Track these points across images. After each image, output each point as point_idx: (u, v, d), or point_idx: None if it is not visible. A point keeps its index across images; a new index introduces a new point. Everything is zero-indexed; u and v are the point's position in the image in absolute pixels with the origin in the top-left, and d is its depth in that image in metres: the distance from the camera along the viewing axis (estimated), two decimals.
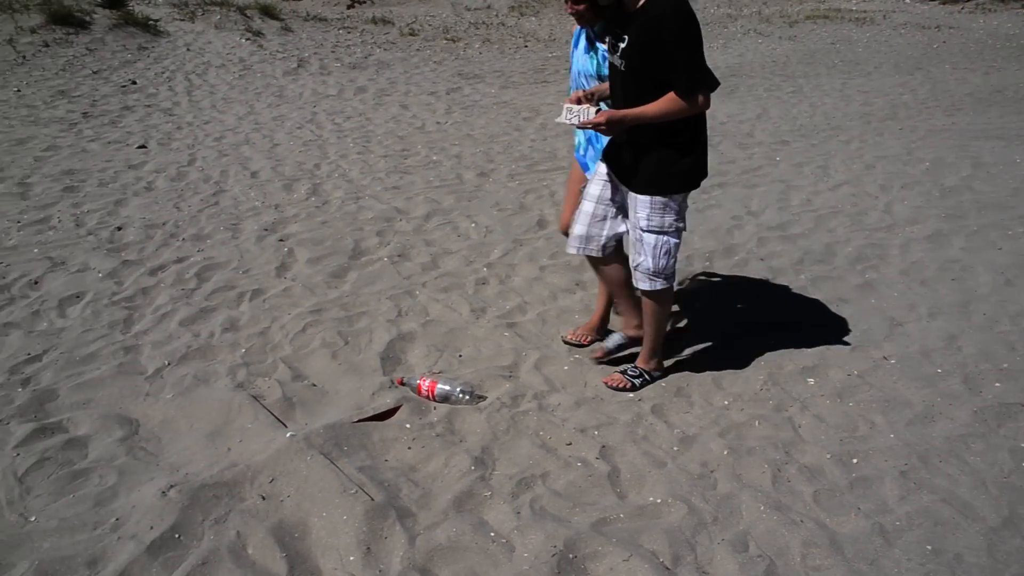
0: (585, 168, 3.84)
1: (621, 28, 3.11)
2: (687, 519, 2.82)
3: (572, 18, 3.47)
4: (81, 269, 4.92)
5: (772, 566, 2.62)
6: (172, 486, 2.92)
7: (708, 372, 3.80)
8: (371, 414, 3.40)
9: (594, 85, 3.58)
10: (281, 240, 5.45)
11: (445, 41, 14.52)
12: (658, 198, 3.28)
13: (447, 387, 3.49)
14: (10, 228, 5.52)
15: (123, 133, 8.20)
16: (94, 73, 10.49)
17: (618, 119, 3.11)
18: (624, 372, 3.66)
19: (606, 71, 3.47)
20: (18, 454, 3.16)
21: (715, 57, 13.60)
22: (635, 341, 3.80)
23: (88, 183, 6.55)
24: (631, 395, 3.60)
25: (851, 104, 9.97)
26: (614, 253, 3.63)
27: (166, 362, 3.88)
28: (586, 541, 2.68)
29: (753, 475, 3.07)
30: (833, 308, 4.47)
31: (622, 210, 3.52)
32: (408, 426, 3.34)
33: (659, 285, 3.42)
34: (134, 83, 10.29)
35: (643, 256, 3.37)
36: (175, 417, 3.45)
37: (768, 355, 3.96)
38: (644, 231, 3.33)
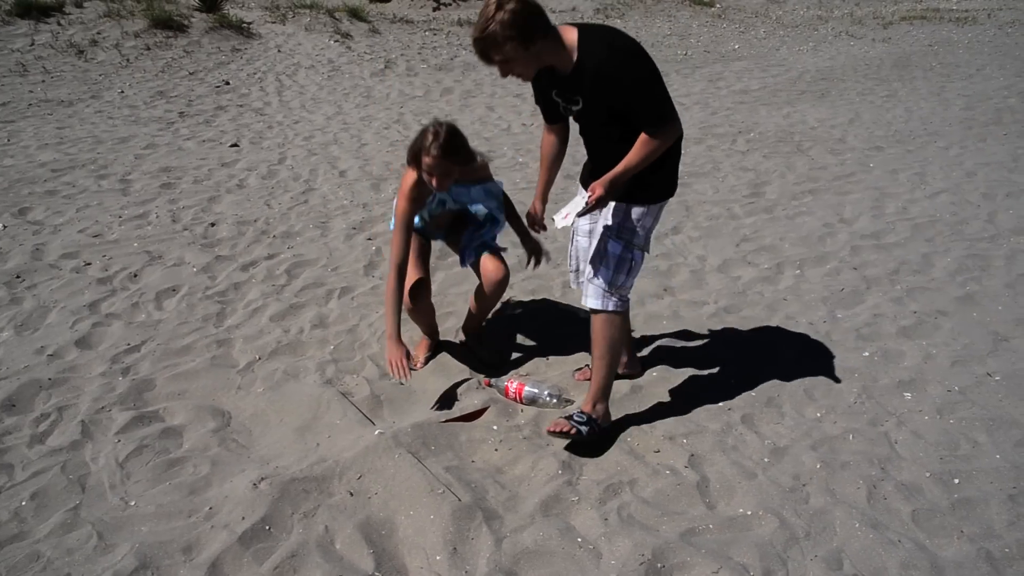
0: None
1: (568, 91, 2.91)
2: (778, 533, 2.74)
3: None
4: (177, 263, 5.08)
5: None
6: (263, 478, 2.98)
7: (799, 383, 3.70)
8: (458, 415, 3.41)
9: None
10: (369, 239, 5.53)
11: None
12: (635, 207, 3.05)
13: (535, 390, 3.48)
14: (112, 223, 5.74)
15: (217, 132, 8.45)
16: (190, 74, 10.83)
17: (610, 182, 2.86)
18: (570, 418, 3.22)
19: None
20: (119, 440, 3.28)
21: (805, 61, 13.28)
22: (623, 377, 3.66)
23: (184, 180, 6.76)
24: (720, 403, 3.52)
25: (950, 109, 9.60)
26: None
27: (257, 356, 3.97)
28: (674, 551, 2.63)
29: (847, 490, 2.97)
30: (931, 321, 4.29)
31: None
32: (495, 428, 3.34)
33: (611, 306, 3.12)
34: (227, 84, 10.59)
35: (602, 267, 3.08)
36: (265, 411, 3.53)
37: (862, 367, 3.83)
38: (610, 238, 3.07)
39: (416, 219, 3.65)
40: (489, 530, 2.74)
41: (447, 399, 3.53)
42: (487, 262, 3.66)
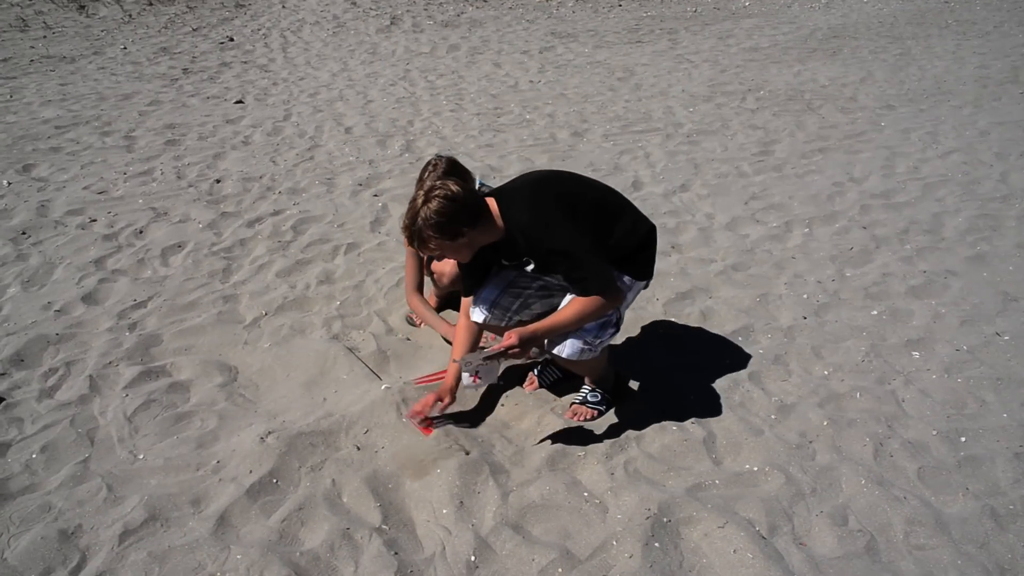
0: None
1: (512, 258, 2.83)
2: (784, 488, 2.75)
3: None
4: (182, 220, 5.06)
5: (873, 542, 2.53)
6: (270, 432, 3.00)
7: (806, 340, 3.68)
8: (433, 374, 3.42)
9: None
10: (375, 195, 5.50)
11: None
12: (625, 276, 2.89)
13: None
14: (117, 179, 5.71)
15: (221, 88, 8.38)
16: (194, 31, 10.73)
17: (529, 336, 2.66)
18: (584, 402, 3.17)
19: None
20: (127, 395, 3.29)
21: (816, 18, 13.07)
22: (571, 376, 3.36)
23: (188, 137, 6.72)
24: (727, 360, 3.51)
25: (965, 67, 9.45)
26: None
27: (263, 312, 3.97)
28: (680, 506, 2.64)
29: (854, 448, 2.97)
30: (940, 280, 4.26)
31: (543, 289, 3.09)
32: (502, 383, 3.34)
33: (588, 356, 2.87)
34: (231, 40, 10.49)
35: (581, 330, 2.82)
36: (272, 366, 3.53)
37: (870, 326, 3.81)
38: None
39: None
40: (496, 484, 2.75)
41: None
42: None
